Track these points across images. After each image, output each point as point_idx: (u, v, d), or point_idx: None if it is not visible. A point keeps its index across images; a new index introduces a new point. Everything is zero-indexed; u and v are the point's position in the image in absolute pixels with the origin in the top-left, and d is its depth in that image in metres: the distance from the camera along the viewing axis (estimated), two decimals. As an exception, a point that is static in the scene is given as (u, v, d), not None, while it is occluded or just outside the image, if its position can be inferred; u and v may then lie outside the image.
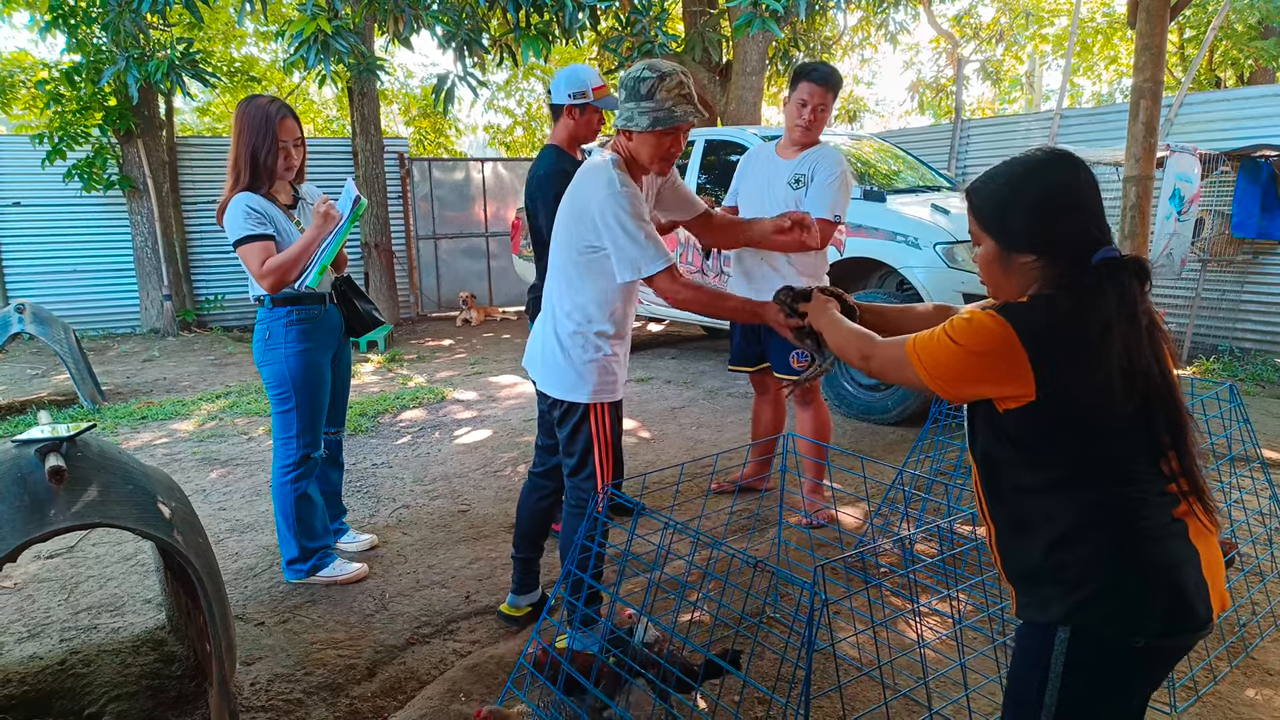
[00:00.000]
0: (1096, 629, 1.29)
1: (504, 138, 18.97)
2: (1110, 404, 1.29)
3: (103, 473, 1.87)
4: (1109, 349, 1.27)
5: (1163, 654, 1.33)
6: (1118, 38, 14.43)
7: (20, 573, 3.17)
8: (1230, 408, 2.82)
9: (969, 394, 1.38)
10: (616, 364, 2.44)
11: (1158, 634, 1.27)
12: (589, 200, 2.26)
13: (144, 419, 5.41)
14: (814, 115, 3.18)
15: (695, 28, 8.85)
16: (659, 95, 2.20)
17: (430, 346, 8.42)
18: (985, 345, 1.32)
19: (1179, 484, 1.32)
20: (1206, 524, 1.33)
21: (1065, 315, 1.29)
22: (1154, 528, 1.29)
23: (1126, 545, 1.29)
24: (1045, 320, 1.30)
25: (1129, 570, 1.28)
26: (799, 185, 3.21)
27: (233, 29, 12.32)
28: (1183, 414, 1.31)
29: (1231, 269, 6.75)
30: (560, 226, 2.38)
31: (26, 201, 8.57)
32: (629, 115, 2.25)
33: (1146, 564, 1.28)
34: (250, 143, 2.75)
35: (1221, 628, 2.62)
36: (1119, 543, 1.29)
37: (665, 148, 2.28)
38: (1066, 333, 1.29)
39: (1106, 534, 1.29)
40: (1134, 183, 3.55)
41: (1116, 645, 1.28)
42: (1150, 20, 3.42)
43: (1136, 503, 1.30)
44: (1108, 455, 1.31)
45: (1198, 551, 1.31)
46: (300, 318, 2.86)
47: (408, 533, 3.56)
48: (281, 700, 2.34)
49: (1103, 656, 1.30)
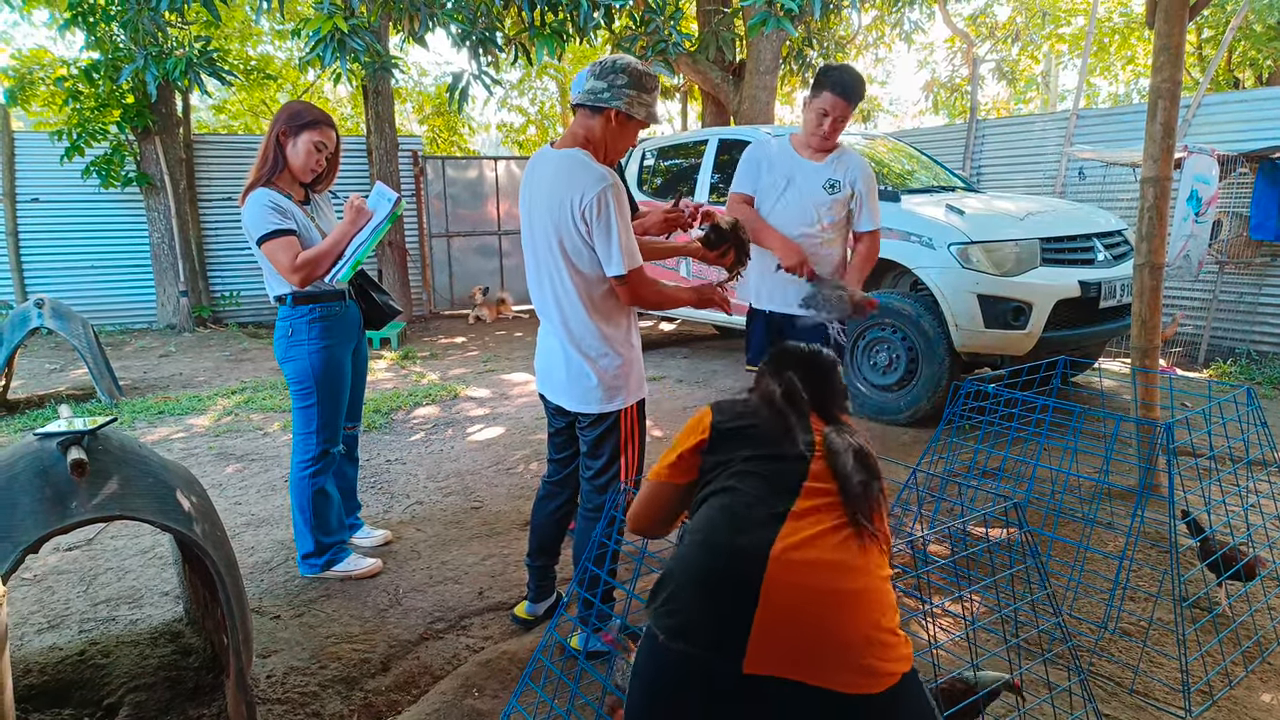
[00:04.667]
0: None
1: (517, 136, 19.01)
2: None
3: (123, 466, 1.89)
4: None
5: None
6: (1135, 38, 14.32)
7: (40, 565, 3.21)
8: (1248, 411, 2.80)
9: None
10: (638, 358, 2.45)
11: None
12: (582, 192, 2.18)
13: (161, 414, 5.46)
14: (833, 127, 3.16)
15: (709, 26, 8.85)
16: (656, 94, 2.28)
17: (443, 344, 8.46)
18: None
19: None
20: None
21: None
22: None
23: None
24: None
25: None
26: (835, 190, 3.21)
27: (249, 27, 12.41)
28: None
29: (1249, 271, 6.69)
30: (545, 231, 2.28)
31: (45, 197, 8.65)
32: (628, 100, 2.22)
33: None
34: (277, 129, 2.80)
35: (1238, 632, 2.60)
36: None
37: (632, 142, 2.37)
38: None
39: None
40: (1151, 184, 3.52)
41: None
42: (1169, 20, 3.40)
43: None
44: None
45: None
46: (322, 314, 2.88)
47: (421, 529, 3.58)
48: (297, 693, 2.36)
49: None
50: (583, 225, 2.19)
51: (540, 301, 2.41)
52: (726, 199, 3.50)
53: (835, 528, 1.36)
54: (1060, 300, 4.67)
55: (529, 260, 2.41)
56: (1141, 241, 3.56)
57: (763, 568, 1.30)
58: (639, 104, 2.24)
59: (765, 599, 1.27)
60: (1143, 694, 2.31)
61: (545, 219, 2.27)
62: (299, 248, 2.75)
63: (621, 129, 2.27)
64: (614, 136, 2.28)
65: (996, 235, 4.75)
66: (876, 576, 1.33)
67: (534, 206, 2.33)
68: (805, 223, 3.23)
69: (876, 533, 1.38)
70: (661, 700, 1.34)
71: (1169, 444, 2.60)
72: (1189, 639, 2.47)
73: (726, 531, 1.38)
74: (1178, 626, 2.38)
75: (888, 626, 1.29)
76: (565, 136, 2.33)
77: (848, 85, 3.09)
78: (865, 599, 1.29)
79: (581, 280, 2.28)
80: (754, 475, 1.46)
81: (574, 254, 2.25)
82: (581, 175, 2.19)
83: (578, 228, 2.20)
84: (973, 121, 9.02)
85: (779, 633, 1.26)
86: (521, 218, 2.43)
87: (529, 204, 2.36)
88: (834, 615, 1.27)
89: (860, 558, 1.33)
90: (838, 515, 1.38)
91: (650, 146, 7.29)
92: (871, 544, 1.37)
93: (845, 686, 1.24)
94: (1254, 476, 3.61)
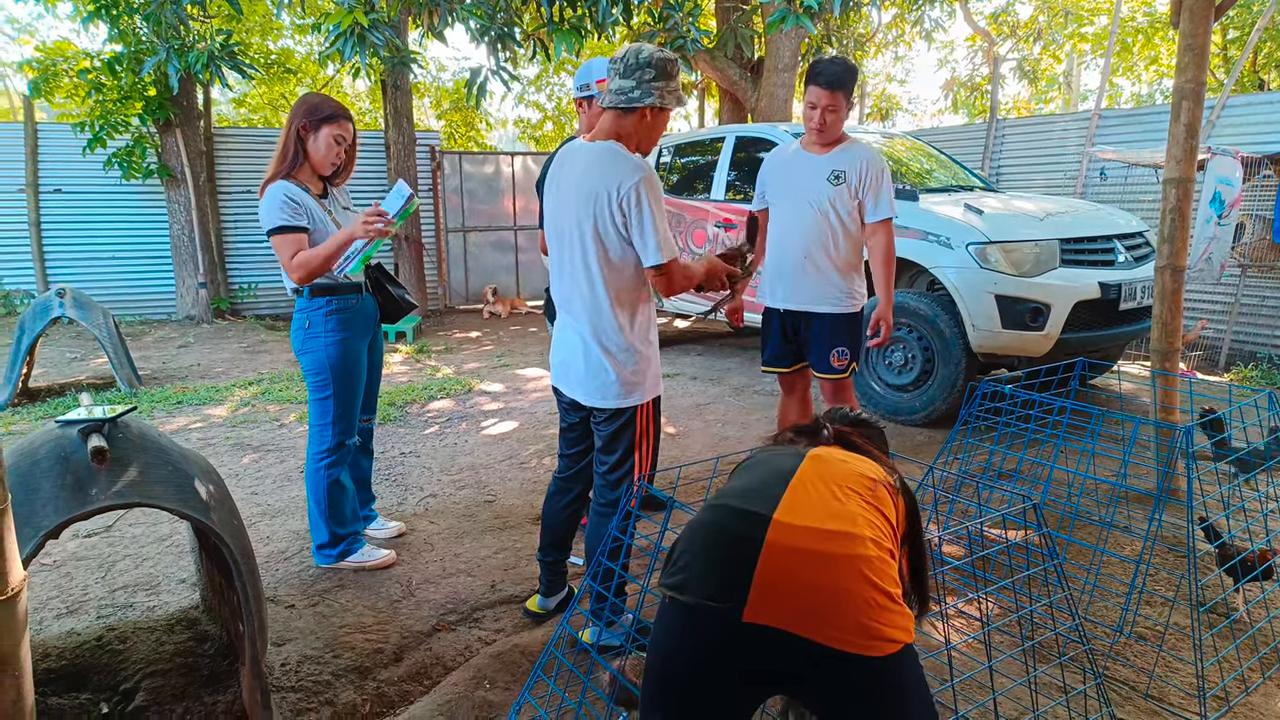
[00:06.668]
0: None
1: (534, 132, 19.02)
2: None
3: (142, 454, 1.91)
4: None
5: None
6: (1158, 37, 14.15)
7: (60, 550, 3.25)
8: (1269, 415, 2.77)
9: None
10: (656, 355, 2.46)
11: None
12: (619, 183, 2.19)
13: (179, 404, 5.51)
14: (824, 118, 3.15)
15: (728, 23, 8.82)
16: (679, 74, 2.28)
17: (458, 338, 8.49)
18: None
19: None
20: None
21: None
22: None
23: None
24: None
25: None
26: (839, 181, 3.20)
27: (270, 21, 12.47)
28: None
29: (1272, 275, 6.60)
30: (575, 223, 2.28)
31: (67, 188, 8.74)
32: (659, 93, 2.23)
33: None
34: (297, 123, 2.81)
35: (1255, 638, 2.58)
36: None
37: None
38: None
39: None
40: (1174, 185, 3.48)
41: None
42: (1194, 20, 3.36)
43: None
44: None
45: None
46: (338, 307, 2.89)
47: (435, 521, 3.60)
48: (311, 681, 2.38)
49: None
50: (619, 216, 2.20)
51: (563, 294, 2.41)
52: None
53: (835, 499, 1.41)
54: (1079, 301, 4.63)
55: (553, 253, 2.41)
56: (1163, 243, 3.53)
57: (765, 529, 1.35)
58: (669, 93, 2.26)
59: (766, 555, 1.32)
60: (1158, 699, 2.29)
61: (576, 211, 2.27)
62: (303, 245, 2.77)
63: (655, 120, 2.29)
64: (648, 130, 2.29)
65: (1015, 235, 4.72)
66: (879, 547, 1.36)
67: (563, 199, 2.33)
68: (813, 216, 3.22)
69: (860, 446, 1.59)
70: (669, 655, 1.39)
71: (1188, 447, 2.57)
72: (1205, 644, 2.44)
73: (733, 497, 1.46)
74: (1194, 631, 2.35)
75: (888, 592, 1.32)
76: (597, 132, 2.32)
77: (829, 75, 3.09)
78: (866, 564, 1.32)
79: (611, 273, 2.28)
80: (759, 465, 1.56)
81: (608, 245, 2.26)
82: (618, 166, 2.20)
83: (614, 219, 2.21)
84: (993, 121, 8.95)
85: (779, 585, 1.30)
86: (546, 211, 2.43)
87: (557, 197, 2.36)
88: (833, 575, 1.31)
89: (860, 528, 1.37)
90: (837, 492, 1.42)
91: (667, 143, 7.28)
92: (875, 514, 1.41)
93: (842, 644, 1.27)
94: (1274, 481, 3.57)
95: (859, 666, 1.28)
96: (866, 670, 1.29)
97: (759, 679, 1.37)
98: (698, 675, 1.36)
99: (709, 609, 1.33)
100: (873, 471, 1.52)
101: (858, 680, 1.30)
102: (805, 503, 1.39)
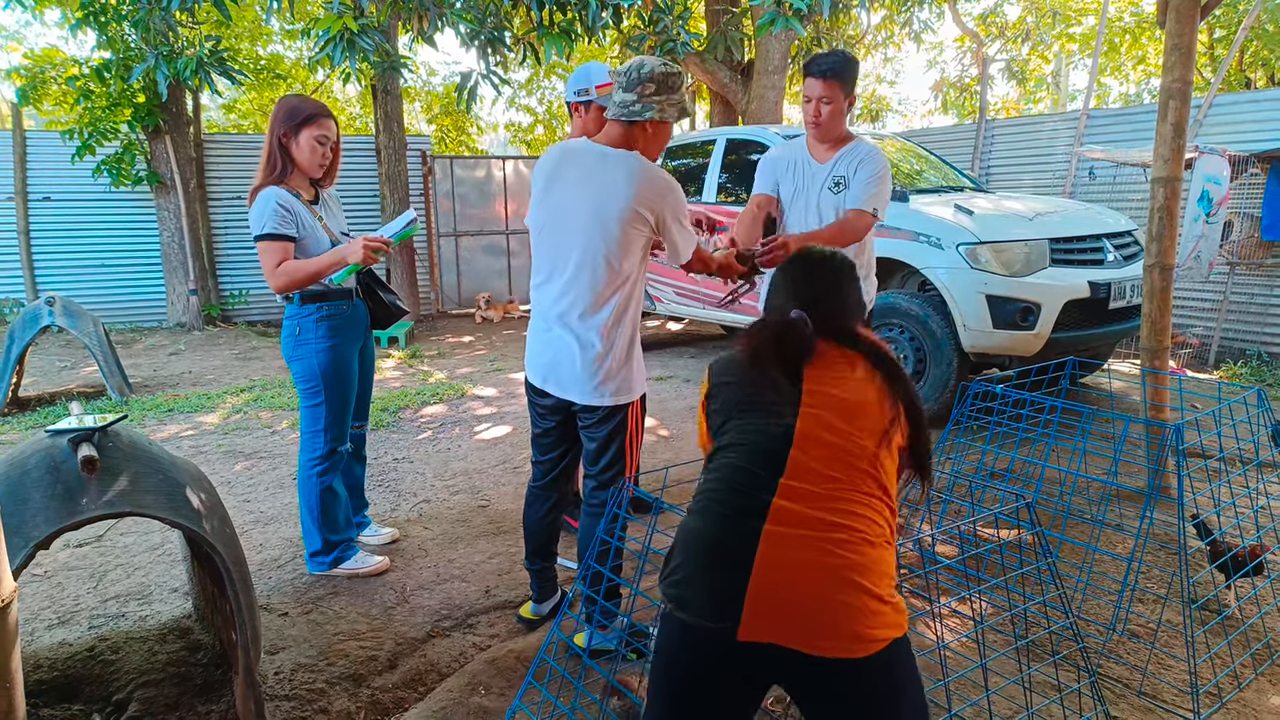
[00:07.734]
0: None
1: (525, 136, 19.01)
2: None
3: (133, 463, 1.90)
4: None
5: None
6: (1146, 37, 14.23)
7: (51, 561, 3.23)
8: (1258, 412, 2.79)
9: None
10: (640, 353, 2.51)
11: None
12: (660, 193, 2.29)
13: (170, 411, 5.49)
14: (819, 110, 2.99)
15: (717, 26, 8.84)
16: (683, 87, 2.32)
17: (450, 343, 8.47)
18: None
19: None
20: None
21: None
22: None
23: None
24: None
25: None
26: (839, 189, 3.04)
27: (259, 27, 12.45)
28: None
29: (1260, 272, 6.64)
30: (583, 222, 2.29)
31: (56, 196, 8.70)
32: (659, 107, 2.26)
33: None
34: (278, 131, 2.80)
35: (1247, 634, 2.59)
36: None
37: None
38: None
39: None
40: (1162, 184, 3.50)
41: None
42: (1180, 20, 3.38)
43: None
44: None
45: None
46: (329, 313, 2.89)
47: (428, 527, 3.59)
48: (305, 689, 2.37)
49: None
50: (650, 217, 2.27)
51: (556, 292, 2.37)
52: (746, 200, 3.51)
53: (827, 495, 1.40)
54: (1069, 301, 4.65)
55: (545, 250, 2.40)
56: (1152, 242, 3.55)
57: (755, 542, 1.36)
58: (670, 106, 2.28)
59: (758, 571, 1.34)
60: (1151, 696, 2.30)
61: (585, 209, 2.27)
62: (289, 254, 2.76)
63: (657, 131, 2.33)
64: (650, 140, 2.33)
65: (1005, 235, 4.74)
66: (869, 544, 1.37)
67: (570, 199, 2.32)
68: (818, 226, 3.16)
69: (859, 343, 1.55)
70: (670, 661, 1.42)
71: (1178, 445, 2.59)
72: (1198, 641, 2.46)
73: (724, 501, 1.45)
74: (1186, 628, 2.37)
75: (879, 594, 1.33)
76: (602, 137, 2.34)
77: (824, 65, 2.94)
78: (859, 571, 1.33)
79: (613, 274, 2.30)
80: (745, 445, 1.48)
81: (620, 250, 2.27)
82: (650, 176, 2.27)
83: (646, 222, 2.27)
84: (982, 121, 8.99)
85: (771, 603, 1.32)
86: (543, 208, 2.39)
87: (560, 196, 2.34)
88: (826, 586, 1.32)
89: (854, 523, 1.38)
90: (829, 483, 1.41)
91: (658, 146, 7.28)
92: (866, 502, 1.41)
93: (834, 652, 1.30)
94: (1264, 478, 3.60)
95: (852, 669, 1.31)
96: (860, 671, 1.32)
97: (758, 680, 1.41)
98: (697, 679, 1.40)
99: (703, 628, 1.35)
100: (868, 393, 1.50)
101: (851, 680, 1.33)
102: (798, 499, 1.39)
